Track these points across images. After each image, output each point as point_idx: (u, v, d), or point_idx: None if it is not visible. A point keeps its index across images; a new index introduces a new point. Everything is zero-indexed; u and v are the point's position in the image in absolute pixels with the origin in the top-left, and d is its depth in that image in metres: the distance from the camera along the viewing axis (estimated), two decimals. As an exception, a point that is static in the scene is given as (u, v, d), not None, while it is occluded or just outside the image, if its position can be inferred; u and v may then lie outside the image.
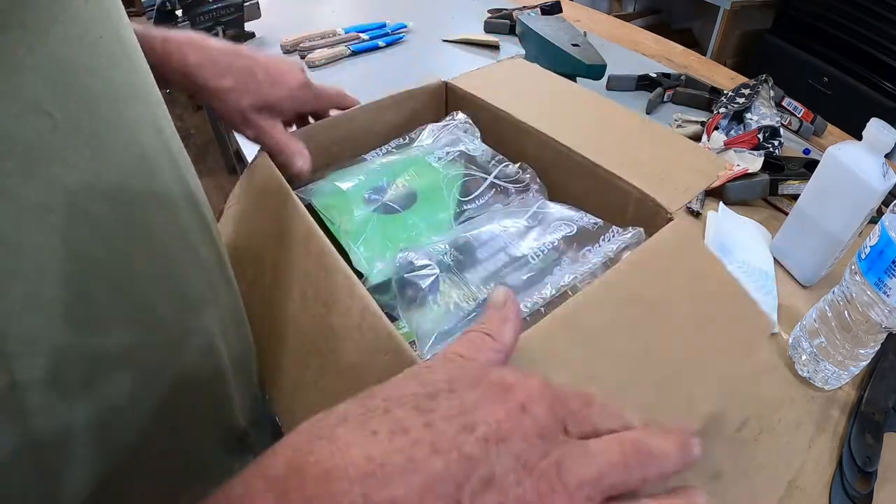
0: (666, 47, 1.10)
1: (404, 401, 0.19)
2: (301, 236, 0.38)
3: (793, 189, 0.65)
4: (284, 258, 0.40)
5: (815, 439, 0.44)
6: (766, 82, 0.79)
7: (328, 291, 0.35)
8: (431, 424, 0.18)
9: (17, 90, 0.19)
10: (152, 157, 0.26)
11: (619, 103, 0.56)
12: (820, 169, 0.53)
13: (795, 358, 0.49)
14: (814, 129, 0.81)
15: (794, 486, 0.41)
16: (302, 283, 0.38)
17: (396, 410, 0.18)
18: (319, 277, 0.37)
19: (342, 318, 0.33)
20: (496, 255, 0.38)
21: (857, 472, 0.41)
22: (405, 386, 0.20)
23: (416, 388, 0.20)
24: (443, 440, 0.17)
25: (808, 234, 0.55)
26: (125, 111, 0.24)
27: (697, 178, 0.46)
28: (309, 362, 0.36)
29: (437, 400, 0.19)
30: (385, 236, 0.43)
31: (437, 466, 0.17)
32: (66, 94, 0.20)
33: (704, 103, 0.86)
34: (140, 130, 0.25)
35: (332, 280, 0.35)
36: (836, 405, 0.46)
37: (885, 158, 0.48)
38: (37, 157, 0.19)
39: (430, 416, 0.18)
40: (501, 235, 0.40)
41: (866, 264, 0.41)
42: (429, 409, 0.18)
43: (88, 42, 0.22)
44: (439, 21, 1.10)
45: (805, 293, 0.56)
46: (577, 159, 0.49)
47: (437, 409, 0.18)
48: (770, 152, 0.68)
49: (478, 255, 0.38)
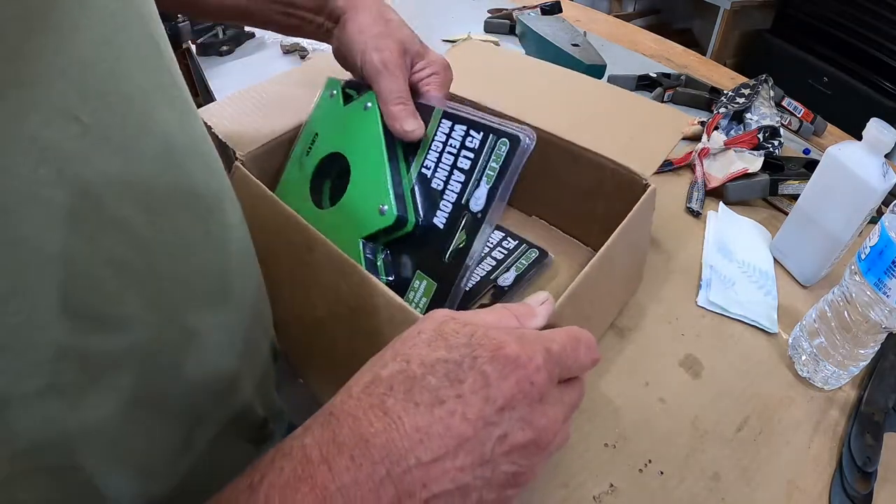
0: (666, 47, 1.10)
1: (437, 368, 0.23)
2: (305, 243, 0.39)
3: (793, 189, 0.65)
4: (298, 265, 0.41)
5: (814, 439, 0.44)
6: (766, 82, 0.79)
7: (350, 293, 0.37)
8: (462, 396, 0.23)
9: (47, 95, 0.18)
10: (182, 160, 0.25)
11: (570, 70, 0.59)
12: (820, 169, 0.53)
13: (795, 358, 0.49)
14: (814, 129, 0.81)
15: (793, 486, 0.41)
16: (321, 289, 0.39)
17: (431, 378, 0.23)
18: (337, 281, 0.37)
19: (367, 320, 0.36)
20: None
21: (856, 473, 0.41)
22: (436, 350, 0.24)
23: (445, 353, 0.24)
24: (471, 410, 0.22)
25: (808, 234, 0.55)
26: (155, 114, 0.24)
27: (665, 139, 0.49)
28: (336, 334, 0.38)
29: (463, 369, 0.23)
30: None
31: (469, 432, 0.22)
32: (96, 99, 0.20)
33: (704, 103, 0.86)
34: (170, 133, 0.25)
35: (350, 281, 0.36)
36: (836, 405, 0.46)
37: (885, 158, 0.48)
38: (67, 163, 0.19)
39: (461, 388, 0.23)
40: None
41: (866, 264, 0.41)
42: (458, 381, 0.23)
43: (118, 44, 0.21)
44: (439, 21, 1.10)
45: (805, 293, 0.56)
46: (547, 138, 0.50)
47: (465, 380, 0.23)
48: (770, 152, 0.68)
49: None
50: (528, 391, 0.23)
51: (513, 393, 0.23)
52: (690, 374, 0.48)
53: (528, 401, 0.23)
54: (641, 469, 0.41)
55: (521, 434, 0.23)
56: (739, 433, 0.44)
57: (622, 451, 0.42)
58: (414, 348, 0.24)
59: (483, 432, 0.22)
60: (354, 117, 0.45)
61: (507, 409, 0.23)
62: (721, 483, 0.41)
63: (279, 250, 0.41)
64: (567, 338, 0.27)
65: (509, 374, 0.23)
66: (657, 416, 0.45)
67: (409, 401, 0.22)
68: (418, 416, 0.22)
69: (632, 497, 0.40)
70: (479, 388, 0.23)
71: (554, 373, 0.25)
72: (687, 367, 0.48)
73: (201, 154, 0.28)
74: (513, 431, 0.23)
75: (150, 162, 0.23)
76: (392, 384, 0.23)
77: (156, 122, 0.24)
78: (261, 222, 0.40)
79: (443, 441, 0.22)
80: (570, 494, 0.40)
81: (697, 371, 0.48)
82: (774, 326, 0.52)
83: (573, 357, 0.26)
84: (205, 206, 0.27)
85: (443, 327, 0.25)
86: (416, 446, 0.21)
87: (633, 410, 0.45)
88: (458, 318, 0.26)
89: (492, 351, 0.24)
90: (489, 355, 0.24)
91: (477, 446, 0.22)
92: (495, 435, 0.22)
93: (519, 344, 0.24)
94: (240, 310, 0.32)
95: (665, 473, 0.41)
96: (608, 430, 0.44)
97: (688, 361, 0.49)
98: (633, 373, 0.48)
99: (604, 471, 0.41)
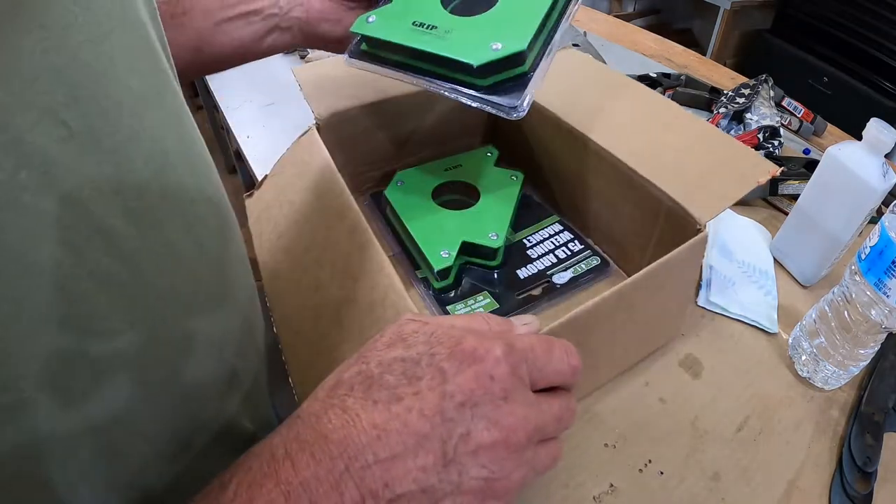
0: (666, 47, 1.10)
1: (395, 367, 0.23)
2: (337, 210, 0.40)
3: (793, 189, 0.65)
4: (322, 228, 0.42)
5: (814, 439, 0.44)
6: (766, 82, 0.79)
7: (358, 266, 0.37)
8: (419, 393, 0.22)
9: (34, 96, 0.18)
10: (173, 164, 0.25)
11: (657, 93, 0.55)
12: (820, 169, 0.53)
13: (795, 358, 0.49)
14: (814, 129, 0.81)
15: (793, 486, 0.41)
16: (333, 254, 0.40)
17: (388, 377, 0.23)
18: (351, 251, 0.38)
19: (367, 293, 0.36)
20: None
21: (856, 473, 0.41)
22: (394, 349, 0.24)
23: (403, 352, 0.24)
24: (428, 406, 0.22)
25: (808, 234, 0.55)
26: (146, 118, 0.23)
27: (735, 185, 0.43)
28: (329, 331, 0.38)
29: (420, 366, 0.23)
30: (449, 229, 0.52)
31: (426, 428, 0.22)
32: (84, 102, 0.20)
33: (704, 103, 0.86)
34: (162, 137, 0.24)
35: (364, 255, 0.36)
36: (836, 405, 0.46)
37: (885, 158, 0.48)
38: (52, 168, 0.19)
39: (418, 385, 0.23)
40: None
41: (866, 265, 0.41)
42: (416, 377, 0.23)
43: (110, 45, 0.21)
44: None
45: (805, 293, 0.56)
46: (609, 160, 0.47)
47: (423, 377, 0.23)
48: (770, 152, 0.68)
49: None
50: (488, 386, 0.23)
51: (471, 387, 0.22)
52: (690, 374, 0.48)
53: (490, 397, 0.23)
54: (641, 469, 0.41)
55: (487, 433, 0.22)
56: (739, 433, 0.44)
57: (622, 451, 0.42)
58: (373, 350, 0.25)
59: (441, 428, 0.22)
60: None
61: (467, 405, 0.22)
62: (721, 483, 0.41)
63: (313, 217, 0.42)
64: (538, 339, 0.26)
65: (466, 368, 0.23)
66: (657, 416, 0.45)
67: (367, 399, 0.22)
68: (375, 413, 0.22)
69: (632, 497, 0.40)
70: (436, 384, 0.23)
71: (518, 368, 0.24)
72: (687, 367, 0.48)
73: (194, 159, 0.27)
74: (476, 430, 0.22)
75: (141, 168, 0.23)
76: (353, 384, 0.23)
77: (147, 128, 0.23)
78: (308, 184, 0.42)
79: (400, 437, 0.21)
80: (570, 494, 0.40)
81: (697, 371, 0.48)
82: (774, 326, 0.52)
83: (544, 358, 0.25)
84: (196, 212, 0.27)
85: (403, 329, 0.25)
86: (373, 442, 0.21)
87: (633, 410, 0.45)
88: (421, 318, 0.26)
89: (450, 347, 0.24)
90: (447, 352, 0.23)
91: (437, 444, 0.22)
92: (457, 432, 0.22)
93: (477, 338, 0.24)
94: (229, 321, 0.31)
95: (665, 473, 0.41)
96: (608, 430, 0.44)
97: (688, 361, 0.49)
98: (633, 373, 0.48)
99: (604, 471, 0.41)
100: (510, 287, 0.53)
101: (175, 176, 0.25)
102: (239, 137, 0.82)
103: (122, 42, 0.22)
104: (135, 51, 0.23)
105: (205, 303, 0.28)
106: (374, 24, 0.42)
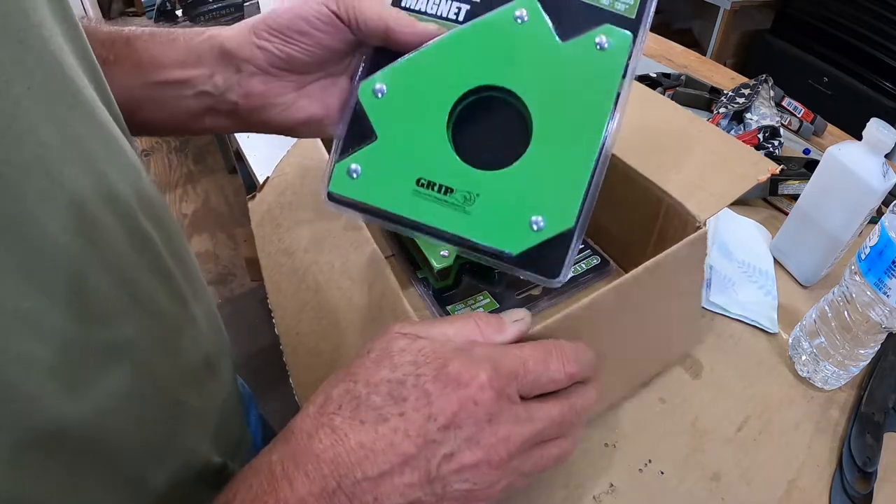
0: (666, 47, 1.10)
1: (381, 388, 0.24)
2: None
3: (793, 189, 0.65)
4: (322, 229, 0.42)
5: (814, 439, 0.44)
6: (766, 82, 0.79)
7: (357, 266, 0.37)
8: (404, 414, 0.23)
9: None
10: (97, 222, 0.23)
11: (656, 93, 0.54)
12: (820, 169, 0.53)
13: (795, 358, 0.49)
14: (814, 129, 0.81)
15: (793, 486, 0.41)
16: (332, 255, 0.40)
17: (375, 398, 0.24)
18: (350, 252, 0.38)
19: (366, 294, 0.36)
20: None
21: (856, 473, 0.41)
22: (381, 368, 0.25)
23: (389, 372, 0.25)
24: (413, 427, 0.23)
25: (808, 234, 0.55)
26: (61, 175, 0.21)
27: (735, 184, 0.44)
28: (329, 333, 0.38)
29: (406, 387, 0.24)
30: None
31: (411, 449, 0.23)
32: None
33: (704, 103, 0.86)
34: (79, 191, 0.22)
35: (362, 256, 0.37)
36: (836, 405, 0.46)
37: (885, 158, 0.48)
38: None
39: (403, 406, 0.24)
40: None
41: (866, 265, 0.41)
42: (402, 399, 0.24)
43: (13, 96, 0.19)
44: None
45: (805, 293, 0.56)
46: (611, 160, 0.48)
47: (408, 398, 0.24)
48: (770, 152, 0.68)
49: None
50: (471, 410, 0.24)
51: (454, 411, 0.24)
52: (690, 374, 0.48)
53: (474, 420, 0.24)
54: (641, 469, 0.41)
55: (470, 454, 0.24)
56: (739, 433, 0.44)
57: (622, 451, 0.42)
58: (361, 367, 0.25)
59: (426, 450, 0.23)
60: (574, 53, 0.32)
61: (451, 427, 0.24)
62: (721, 483, 0.41)
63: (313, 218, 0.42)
64: (532, 350, 0.26)
65: (451, 392, 0.24)
66: (657, 416, 0.45)
67: (355, 419, 0.24)
68: (363, 434, 0.23)
69: (632, 497, 0.40)
70: (421, 406, 0.24)
71: (506, 389, 0.25)
72: (687, 367, 0.48)
73: (129, 207, 0.26)
74: (460, 451, 0.24)
75: (54, 232, 0.21)
76: (341, 403, 0.24)
77: (62, 185, 0.21)
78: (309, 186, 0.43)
79: (386, 457, 0.23)
80: (570, 494, 0.40)
81: (697, 371, 0.48)
82: (774, 326, 0.52)
83: (537, 371, 0.26)
84: (135, 279, 0.26)
85: (391, 345, 0.26)
86: (362, 461, 0.23)
87: (633, 410, 0.45)
88: (410, 332, 0.26)
89: (436, 370, 0.24)
90: (433, 374, 0.24)
91: (422, 463, 0.23)
92: (440, 453, 0.23)
93: (463, 362, 0.25)
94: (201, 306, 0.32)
95: (665, 473, 0.41)
96: (608, 430, 0.44)
97: (688, 361, 0.49)
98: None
99: (604, 471, 0.41)
100: (510, 287, 0.52)
101: (97, 234, 0.23)
102: (239, 137, 0.82)
103: (29, 89, 0.20)
104: (48, 95, 0.21)
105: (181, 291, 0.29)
106: (360, 182, 0.32)
